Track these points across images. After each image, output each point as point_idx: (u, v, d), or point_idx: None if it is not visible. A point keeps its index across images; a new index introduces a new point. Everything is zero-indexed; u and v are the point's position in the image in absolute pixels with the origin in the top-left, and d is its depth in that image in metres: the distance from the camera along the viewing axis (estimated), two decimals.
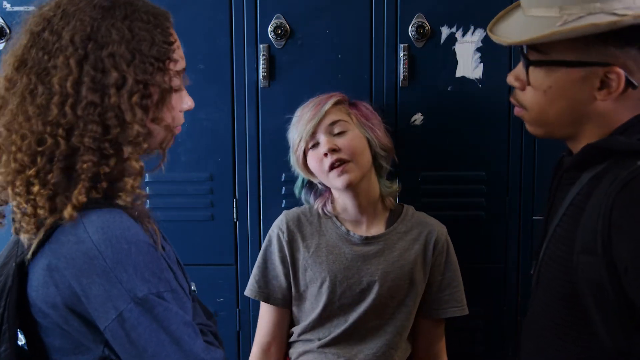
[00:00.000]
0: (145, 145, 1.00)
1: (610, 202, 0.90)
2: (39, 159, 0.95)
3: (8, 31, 1.81)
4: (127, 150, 0.99)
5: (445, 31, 1.79)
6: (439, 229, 1.69)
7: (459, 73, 1.80)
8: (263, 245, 1.72)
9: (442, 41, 1.80)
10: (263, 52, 1.79)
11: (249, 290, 1.71)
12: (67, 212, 0.95)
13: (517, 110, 1.11)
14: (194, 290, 1.82)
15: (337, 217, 1.68)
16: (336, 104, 1.62)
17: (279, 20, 1.79)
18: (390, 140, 1.69)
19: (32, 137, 0.95)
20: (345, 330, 1.65)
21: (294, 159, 1.67)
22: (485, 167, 1.85)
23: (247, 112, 1.83)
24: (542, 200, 1.82)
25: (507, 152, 1.84)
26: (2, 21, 1.81)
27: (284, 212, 1.73)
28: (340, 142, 1.59)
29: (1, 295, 0.98)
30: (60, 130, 0.95)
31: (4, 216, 1.03)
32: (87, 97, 0.95)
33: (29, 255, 0.98)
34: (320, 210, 1.69)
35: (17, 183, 0.96)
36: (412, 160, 1.85)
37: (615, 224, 0.89)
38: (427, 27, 1.78)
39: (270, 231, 1.72)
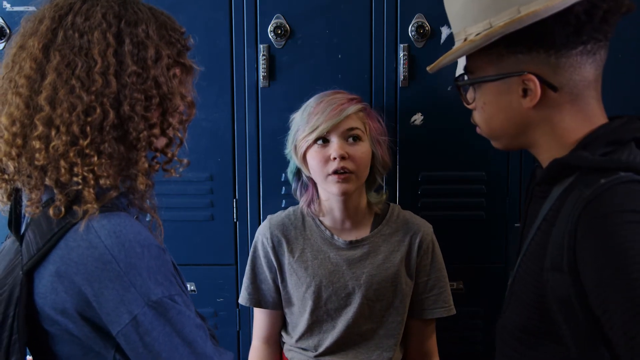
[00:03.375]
0: (182, 117, 1.06)
1: (575, 221, 0.92)
2: (88, 129, 0.95)
3: (8, 31, 1.81)
4: (168, 120, 1.02)
5: (445, 31, 1.79)
6: (425, 229, 1.68)
7: (459, 73, 1.79)
8: (250, 252, 1.72)
9: (442, 41, 1.79)
10: (263, 52, 1.79)
11: (242, 299, 1.72)
12: (140, 182, 0.99)
13: (477, 129, 1.17)
14: (194, 291, 1.83)
15: (321, 221, 1.68)
16: (358, 110, 1.59)
17: (279, 20, 1.78)
18: (390, 159, 1.68)
19: (80, 107, 0.95)
20: (337, 337, 1.64)
21: (293, 145, 1.64)
22: (485, 167, 1.85)
23: (247, 112, 1.83)
24: None
25: (507, 152, 1.83)
26: (2, 21, 1.81)
27: (268, 216, 1.73)
28: (352, 150, 1.56)
29: (9, 305, 0.96)
30: (105, 100, 0.96)
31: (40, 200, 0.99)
32: (130, 66, 0.98)
33: (30, 264, 0.96)
34: (305, 209, 1.68)
35: (71, 154, 0.95)
36: (412, 160, 1.85)
37: (580, 242, 0.91)
38: (427, 27, 1.78)
39: (255, 237, 1.72)
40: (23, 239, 1.00)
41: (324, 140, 1.58)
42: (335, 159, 1.55)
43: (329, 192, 1.61)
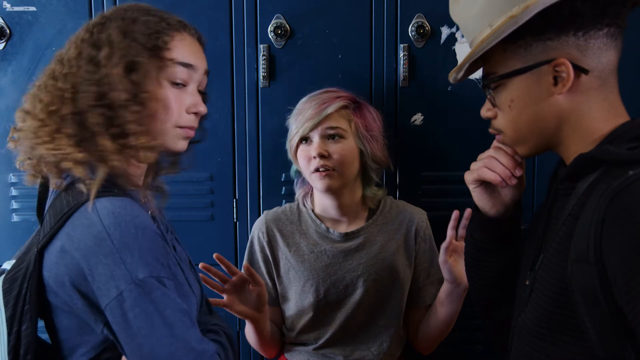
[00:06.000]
0: (138, 115, 1.09)
1: (602, 212, 0.91)
2: (54, 117, 1.09)
3: (8, 31, 1.81)
4: (123, 115, 1.08)
5: (445, 31, 1.79)
6: (419, 216, 1.69)
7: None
8: (247, 248, 1.73)
9: (442, 41, 1.80)
10: (263, 52, 1.79)
11: None
12: (111, 159, 1.07)
13: (497, 138, 1.14)
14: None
15: (316, 215, 1.69)
16: (340, 108, 1.60)
17: (279, 20, 1.79)
18: (385, 154, 1.67)
19: (46, 100, 1.10)
20: (337, 329, 1.65)
21: (288, 146, 1.68)
22: None
23: (247, 112, 1.83)
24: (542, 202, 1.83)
25: None
26: (2, 21, 1.81)
27: (264, 212, 1.74)
28: (332, 148, 1.58)
29: (24, 279, 1.05)
30: (66, 94, 1.09)
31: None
32: (83, 67, 1.10)
33: (43, 242, 1.05)
34: (300, 201, 1.70)
35: (41, 134, 1.09)
36: (412, 160, 1.85)
37: (607, 233, 0.90)
38: (427, 27, 1.78)
39: (251, 233, 1.73)
40: (44, 221, 1.11)
41: (307, 139, 1.61)
42: (315, 157, 1.57)
43: (315, 188, 1.64)
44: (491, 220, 1.23)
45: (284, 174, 1.82)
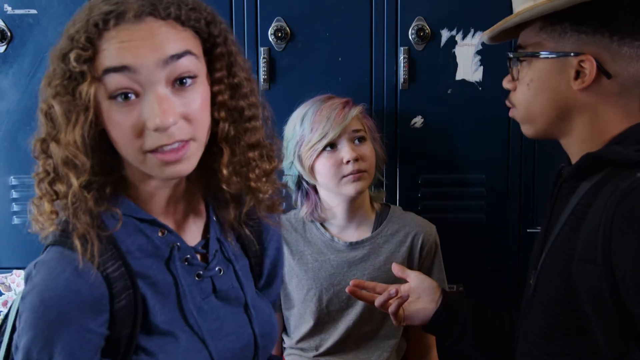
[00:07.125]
0: (64, 150, 0.87)
1: (611, 212, 0.91)
2: None
3: (9, 34, 1.81)
4: (52, 149, 0.89)
5: (445, 34, 1.80)
6: (427, 230, 1.68)
7: (459, 76, 1.80)
8: None
9: (442, 44, 1.80)
10: (263, 54, 1.79)
11: None
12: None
13: (510, 112, 1.15)
14: None
15: (321, 224, 1.69)
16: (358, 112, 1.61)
17: (280, 23, 1.79)
18: (386, 154, 1.70)
19: None
20: (338, 339, 1.64)
21: (296, 156, 1.63)
22: (485, 170, 1.85)
23: None
24: (542, 204, 1.83)
25: (507, 155, 1.84)
26: (3, 24, 1.81)
27: None
28: (361, 151, 1.59)
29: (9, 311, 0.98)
30: None
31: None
32: None
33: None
34: (308, 217, 1.68)
35: None
36: (412, 163, 1.85)
37: (615, 233, 0.90)
38: (427, 30, 1.78)
39: None
40: None
41: (332, 145, 1.59)
42: (348, 162, 1.57)
43: (344, 194, 1.61)
44: (435, 319, 1.32)
45: (283, 175, 1.82)
